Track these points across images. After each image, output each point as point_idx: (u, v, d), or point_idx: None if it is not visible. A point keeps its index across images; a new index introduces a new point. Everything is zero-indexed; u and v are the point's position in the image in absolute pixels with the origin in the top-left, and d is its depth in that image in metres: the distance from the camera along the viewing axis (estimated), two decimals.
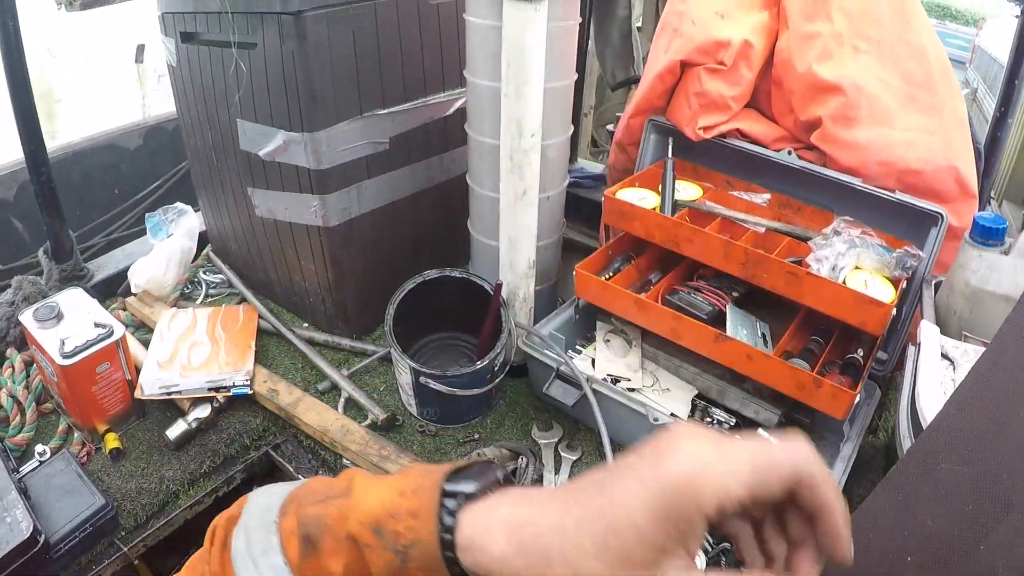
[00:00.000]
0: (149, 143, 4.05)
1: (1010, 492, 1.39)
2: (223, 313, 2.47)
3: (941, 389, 1.71)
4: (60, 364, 1.96)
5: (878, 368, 2.13)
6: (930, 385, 1.76)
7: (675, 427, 0.76)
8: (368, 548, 0.83)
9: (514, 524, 0.75)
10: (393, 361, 2.13)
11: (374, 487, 0.87)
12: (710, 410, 2.08)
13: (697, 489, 0.68)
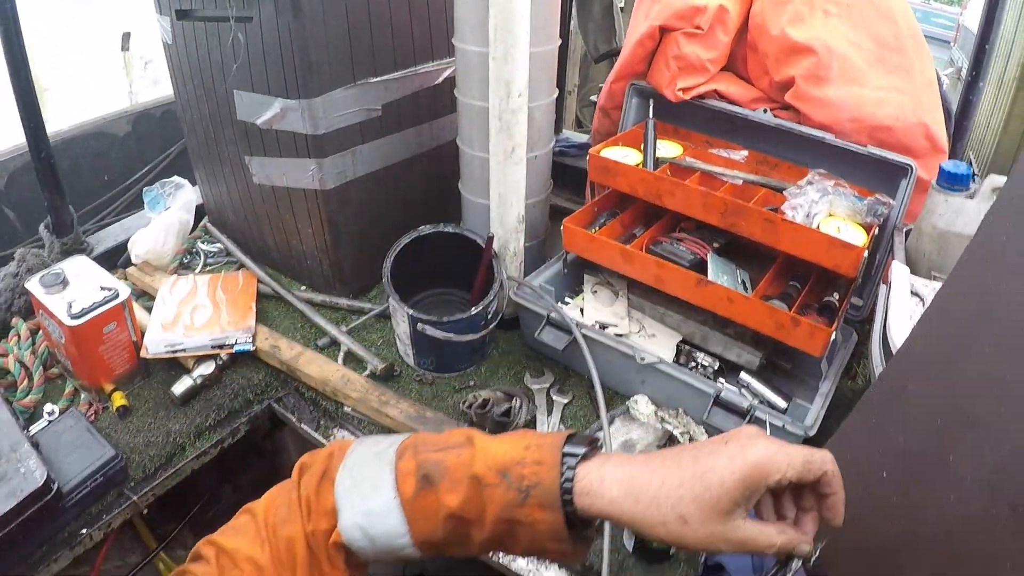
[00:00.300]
0: (138, 129, 4.06)
1: (975, 407, 1.47)
2: (223, 279, 2.53)
3: (911, 322, 1.79)
4: (68, 325, 2.01)
5: (854, 313, 2.22)
6: (900, 317, 1.85)
7: (747, 427, 1.12)
8: (490, 487, 1.07)
9: (623, 478, 1.04)
10: (391, 311, 2.20)
11: (497, 442, 1.13)
12: (694, 354, 2.16)
13: (767, 470, 1.02)
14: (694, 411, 1.98)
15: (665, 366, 1.99)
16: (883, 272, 2.14)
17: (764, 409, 1.90)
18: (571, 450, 1.08)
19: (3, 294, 2.38)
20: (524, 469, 1.07)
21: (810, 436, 1.84)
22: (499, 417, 2.00)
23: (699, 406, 1.96)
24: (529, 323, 2.23)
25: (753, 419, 1.89)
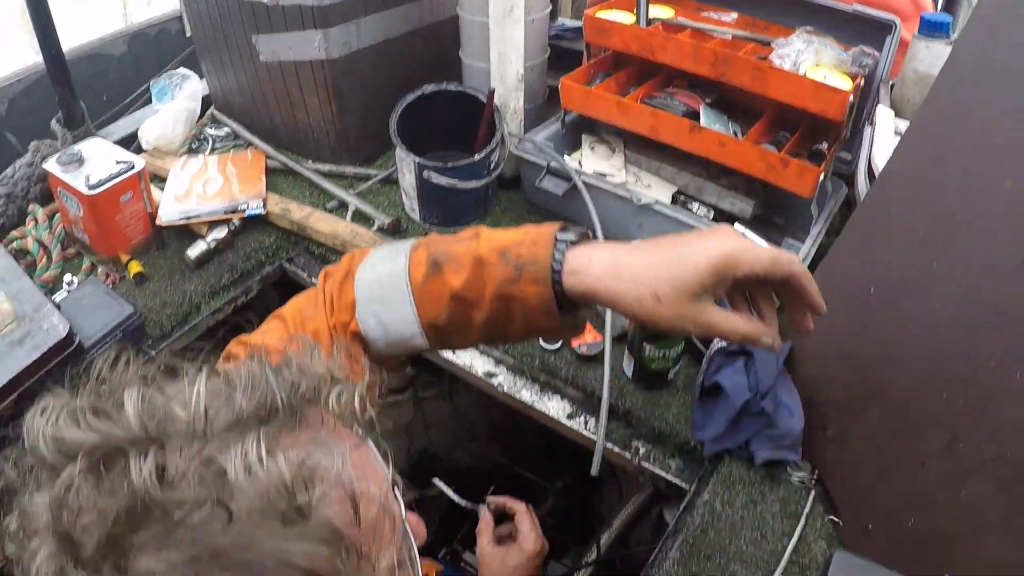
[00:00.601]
0: (134, 49, 4.01)
1: (956, 215, 1.52)
2: (232, 157, 2.58)
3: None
4: (86, 195, 2.06)
5: (843, 167, 2.27)
6: (884, 147, 1.91)
7: (726, 226, 1.25)
8: (490, 266, 1.16)
9: (608, 260, 1.12)
10: (397, 163, 2.25)
11: (499, 231, 1.22)
12: (689, 204, 2.21)
13: (737, 261, 1.08)
14: None
15: (661, 207, 2.05)
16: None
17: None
18: (563, 236, 1.17)
19: (19, 183, 2.41)
20: (521, 248, 1.16)
21: None
22: None
23: None
24: (529, 175, 2.28)
25: None
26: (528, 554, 1.82)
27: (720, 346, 1.78)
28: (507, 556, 1.83)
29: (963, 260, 1.50)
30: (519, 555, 1.83)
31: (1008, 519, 1.36)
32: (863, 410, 1.64)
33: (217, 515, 0.72)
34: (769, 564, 1.58)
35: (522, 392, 1.96)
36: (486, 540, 1.88)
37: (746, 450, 1.73)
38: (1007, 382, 1.38)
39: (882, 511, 1.57)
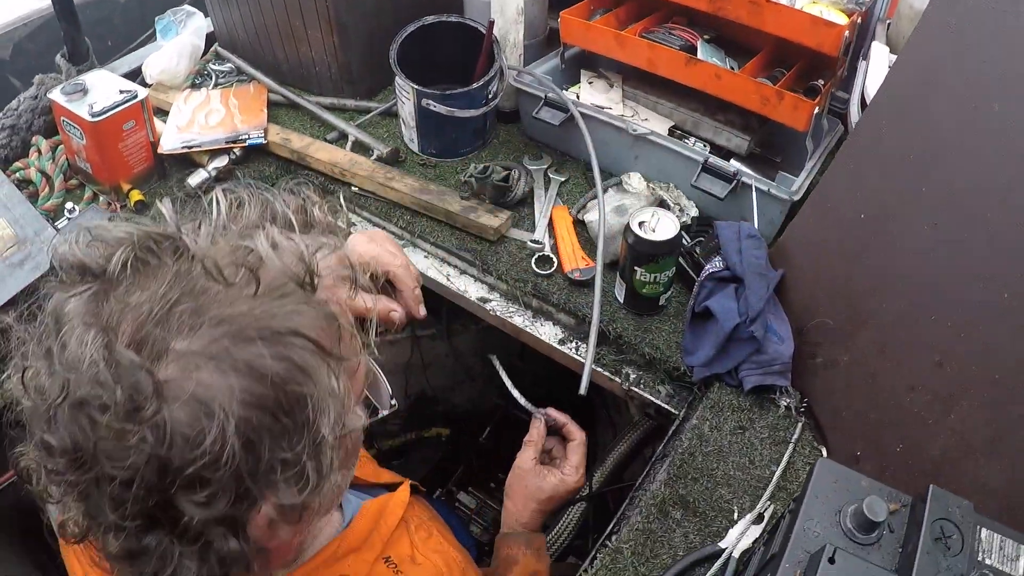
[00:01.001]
0: None
1: (946, 137, 1.50)
2: (234, 90, 2.55)
3: None
4: (89, 122, 2.04)
5: (839, 106, 2.24)
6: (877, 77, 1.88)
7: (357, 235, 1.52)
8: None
9: None
10: (396, 91, 2.22)
11: None
12: (685, 140, 2.19)
13: (358, 249, 1.46)
14: (684, 181, 2.01)
15: (657, 137, 2.02)
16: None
17: (749, 175, 1.93)
18: None
19: (24, 115, 2.39)
20: None
21: (794, 200, 1.87)
22: (498, 182, 2.04)
23: (689, 175, 1.98)
24: (528, 107, 2.25)
25: (740, 184, 1.92)
26: (568, 487, 1.73)
27: (711, 271, 1.75)
28: (545, 480, 1.73)
29: (952, 182, 1.49)
30: (558, 485, 1.73)
31: (996, 441, 1.35)
32: (853, 336, 1.62)
33: (246, 288, 0.84)
34: (756, 489, 1.57)
35: (515, 317, 1.95)
36: (531, 455, 1.77)
37: (735, 377, 1.71)
38: (996, 303, 1.37)
39: (870, 437, 1.56)
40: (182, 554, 0.85)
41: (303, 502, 0.89)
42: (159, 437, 0.78)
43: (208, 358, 0.80)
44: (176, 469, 0.78)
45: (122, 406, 0.77)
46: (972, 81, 1.48)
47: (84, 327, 0.81)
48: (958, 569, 1.00)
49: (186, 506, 0.81)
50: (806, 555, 1.04)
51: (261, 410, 0.81)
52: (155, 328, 0.81)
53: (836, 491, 1.10)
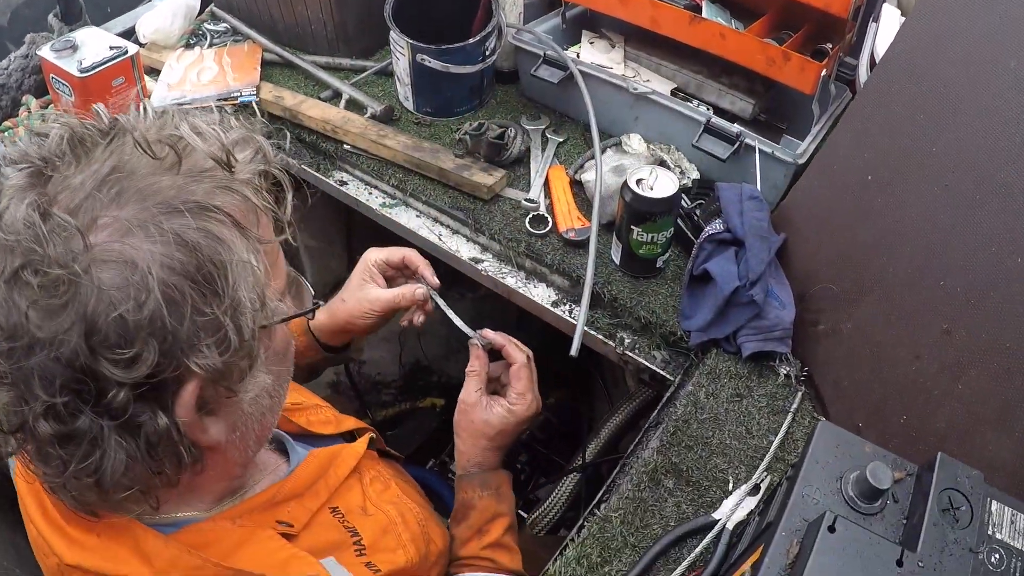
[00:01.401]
0: None
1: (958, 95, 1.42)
2: (228, 49, 2.47)
3: None
4: (78, 77, 1.99)
5: (847, 72, 2.15)
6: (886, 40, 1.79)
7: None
8: None
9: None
10: (391, 47, 2.14)
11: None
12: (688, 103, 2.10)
13: (369, 257, 1.68)
14: (685, 143, 1.94)
15: (658, 96, 1.94)
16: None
17: (753, 136, 1.84)
18: None
19: (14, 74, 2.35)
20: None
21: (799, 164, 1.79)
22: (493, 139, 1.96)
23: (690, 136, 1.91)
24: (526, 66, 2.16)
25: (743, 146, 1.84)
26: (519, 417, 1.55)
27: (710, 233, 1.67)
28: (492, 412, 1.55)
29: (964, 143, 1.41)
30: (506, 416, 1.55)
31: (1006, 413, 1.27)
32: (857, 302, 1.55)
33: (172, 166, 0.90)
34: (753, 460, 1.50)
35: (507, 278, 1.88)
36: (474, 386, 1.59)
37: (734, 343, 1.63)
38: (1008, 267, 1.29)
39: (873, 408, 1.48)
40: (112, 435, 0.87)
41: (226, 368, 0.91)
42: (86, 296, 0.81)
43: (136, 226, 0.85)
44: (101, 329, 0.82)
45: (54, 264, 0.80)
46: (987, 37, 1.41)
47: (21, 197, 0.84)
48: (967, 543, 0.92)
49: (111, 370, 0.83)
50: (804, 523, 0.96)
51: (183, 275, 0.85)
52: (87, 201, 0.85)
53: (838, 457, 1.02)
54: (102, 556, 0.98)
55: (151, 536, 0.99)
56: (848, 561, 0.87)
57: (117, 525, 0.99)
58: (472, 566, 1.46)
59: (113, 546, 0.98)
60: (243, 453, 1.09)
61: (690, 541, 1.38)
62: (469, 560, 1.46)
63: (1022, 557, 0.92)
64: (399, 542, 1.27)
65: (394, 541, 1.26)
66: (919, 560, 0.88)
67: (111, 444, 0.88)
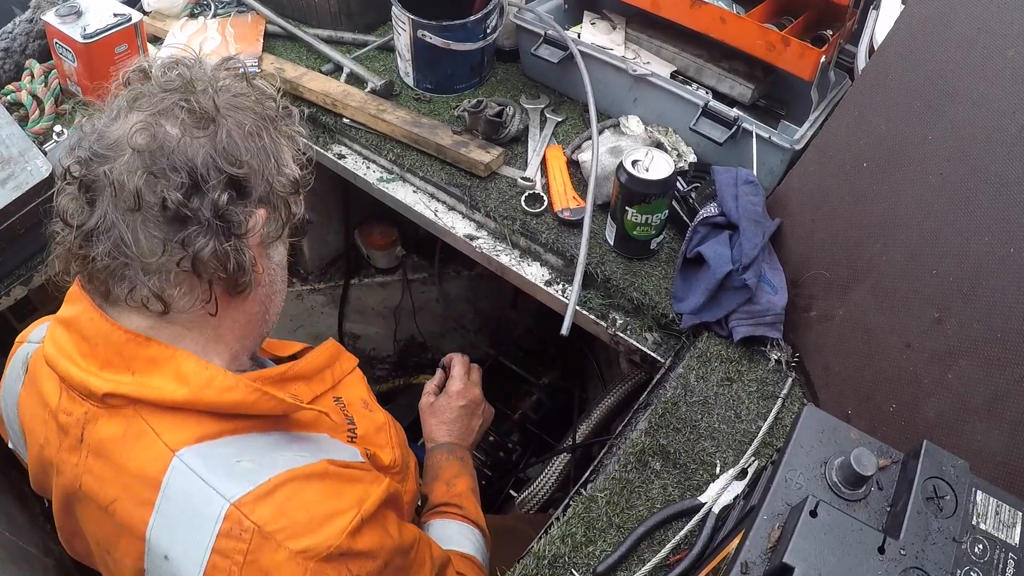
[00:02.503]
0: None
1: (954, 83, 1.41)
2: (232, 19, 2.45)
3: None
4: (81, 43, 1.98)
5: (846, 60, 2.13)
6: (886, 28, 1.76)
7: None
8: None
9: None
10: (393, 21, 2.12)
11: None
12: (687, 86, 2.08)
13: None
14: (683, 126, 1.91)
15: (657, 79, 1.92)
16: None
17: (751, 121, 1.82)
18: None
19: (18, 38, 2.33)
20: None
21: (796, 150, 1.77)
22: (491, 117, 1.94)
23: (688, 119, 1.89)
24: (527, 45, 2.14)
25: (740, 130, 1.82)
26: (449, 395, 1.85)
27: (705, 216, 1.65)
28: (437, 401, 1.86)
29: (960, 130, 1.39)
30: (442, 398, 1.85)
31: (995, 403, 1.25)
32: (849, 289, 1.53)
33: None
34: (741, 444, 1.49)
35: (501, 256, 1.86)
36: (425, 394, 1.90)
37: (725, 326, 1.62)
38: (1001, 257, 1.27)
39: (863, 396, 1.47)
40: (211, 221, 1.10)
41: (283, 203, 1.21)
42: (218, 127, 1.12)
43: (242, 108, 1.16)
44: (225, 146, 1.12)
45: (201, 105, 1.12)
46: (985, 26, 1.40)
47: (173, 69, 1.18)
48: (950, 532, 0.91)
49: (227, 167, 1.11)
50: (787, 507, 0.95)
51: (262, 141, 1.16)
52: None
53: (823, 442, 1.01)
54: (138, 385, 1.11)
55: (194, 360, 1.13)
56: (829, 546, 0.86)
57: (159, 358, 1.13)
58: (442, 513, 1.59)
59: (148, 377, 1.12)
60: (260, 318, 1.27)
61: (675, 524, 1.37)
62: (439, 507, 1.61)
63: (1005, 548, 0.91)
64: (388, 442, 1.40)
65: (384, 439, 1.39)
66: (901, 548, 0.87)
67: (211, 227, 1.10)
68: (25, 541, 1.95)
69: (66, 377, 1.16)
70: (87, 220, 1.10)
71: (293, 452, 1.16)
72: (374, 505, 1.16)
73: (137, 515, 1.10)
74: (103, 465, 1.14)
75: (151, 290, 1.11)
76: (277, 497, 1.09)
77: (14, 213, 1.79)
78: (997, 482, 1.00)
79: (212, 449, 1.11)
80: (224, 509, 1.06)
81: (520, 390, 2.96)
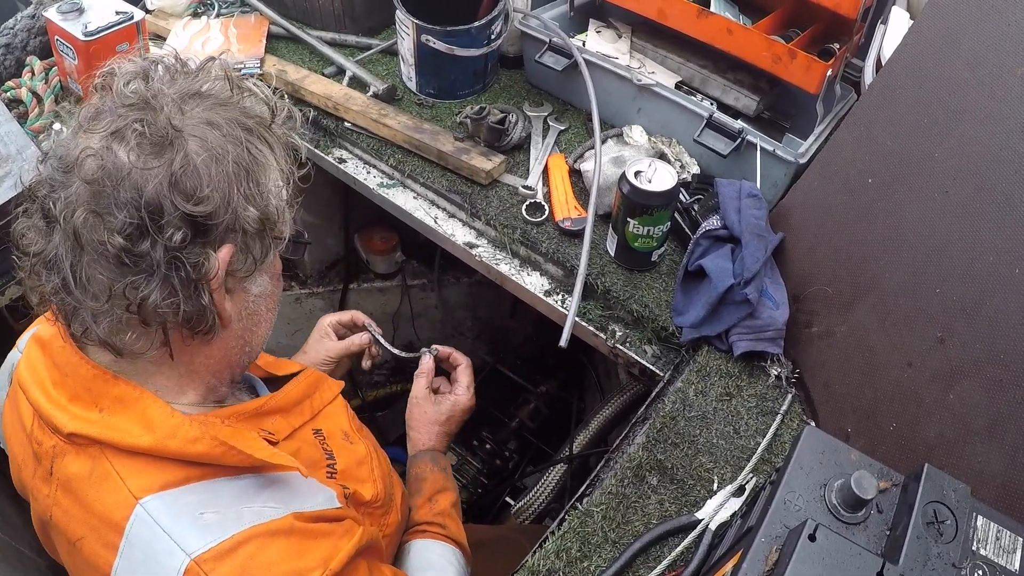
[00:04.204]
0: None
1: (962, 100, 1.40)
2: (235, 20, 2.46)
3: None
4: (82, 41, 1.97)
5: (854, 74, 2.12)
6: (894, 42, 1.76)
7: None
8: None
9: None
10: (397, 25, 2.11)
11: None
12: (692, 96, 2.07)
13: (322, 321, 1.86)
14: (687, 137, 1.91)
15: (661, 88, 1.91)
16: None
17: (755, 133, 1.81)
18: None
19: (19, 34, 2.33)
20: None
21: (800, 163, 1.77)
22: (494, 124, 1.93)
23: (692, 130, 1.88)
24: (531, 52, 2.14)
25: (744, 143, 1.81)
26: (461, 407, 1.77)
27: (707, 229, 1.64)
28: (441, 404, 1.77)
29: (967, 148, 1.38)
30: (453, 405, 1.77)
31: (997, 425, 1.24)
32: (852, 306, 1.52)
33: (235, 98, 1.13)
34: (739, 460, 1.48)
35: (501, 265, 1.85)
36: (423, 384, 1.81)
37: (726, 341, 1.61)
38: (1005, 277, 1.26)
39: (864, 414, 1.45)
40: (162, 265, 1.02)
41: (253, 238, 1.11)
42: (176, 151, 1.03)
43: (212, 123, 1.07)
44: (180, 177, 1.02)
45: (159, 125, 1.03)
46: (995, 43, 1.38)
47: (133, 79, 1.08)
48: (950, 558, 0.89)
49: (182, 204, 1.01)
50: (785, 530, 0.94)
51: (237, 162, 1.07)
52: (178, 100, 1.07)
53: (822, 463, 1.00)
54: (103, 426, 1.08)
55: (159, 405, 1.10)
56: (828, 571, 0.85)
57: (126, 398, 1.11)
58: (425, 532, 1.55)
59: (115, 418, 1.09)
60: (239, 351, 1.23)
61: (671, 540, 1.36)
62: (422, 526, 1.56)
63: (1005, 574, 0.90)
64: (370, 476, 1.38)
65: (366, 473, 1.38)
66: (900, 573, 0.86)
67: (159, 273, 1.02)
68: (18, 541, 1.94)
69: (36, 407, 1.15)
70: (43, 248, 1.06)
71: (262, 502, 1.13)
72: (341, 564, 1.13)
73: (103, 557, 1.09)
74: (71, 502, 1.12)
75: (99, 335, 1.08)
76: (239, 555, 1.06)
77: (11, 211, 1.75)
78: (997, 504, 0.99)
79: (176, 497, 1.08)
80: (185, 564, 1.04)
81: (518, 398, 2.94)
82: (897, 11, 1.95)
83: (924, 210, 1.42)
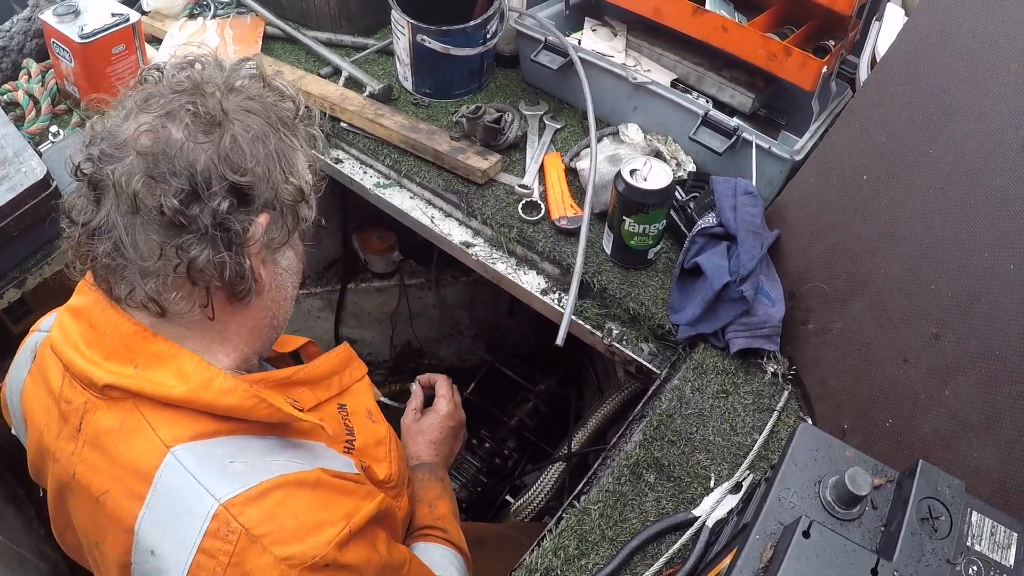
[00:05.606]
0: None
1: (956, 96, 1.40)
2: (231, 21, 2.45)
3: None
4: (78, 43, 1.97)
5: (850, 72, 2.12)
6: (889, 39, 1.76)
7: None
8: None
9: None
10: (392, 25, 2.11)
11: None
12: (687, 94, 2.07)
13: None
14: (683, 135, 1.91)
15: (657, 87, 1.91)
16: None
17: (751, 131, 1.82)
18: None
19: (16, 36, 2.32)
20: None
21: (796, 160, 1.77)
22: (490, 123, 1.93)
23: (688, 128, 1.88)
24: (527, 51, 2.14)
25: (740, 139, 1.81)
26: (442, 414, 1.81)
27: (703, 227, 1.65)
28: (424, 419, 1.81)
29: (962, 145, 1.38)
30: (434, 415, 1.81)
31: (992, 421, 1.24)
32: (847, 303, 1.52)
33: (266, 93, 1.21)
34: (736, 457, 1.48)
35: (497, 264, 1.85)
36: (410, 414, 1.85)
37: (722, 338, 1.61)
38: (999, 273, 1.27)
39: (859, 410, 1.46)
40: (209, 229, 1.10)
41: (288, 210, 1.21)
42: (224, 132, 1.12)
43: (252, 111, 1.16)
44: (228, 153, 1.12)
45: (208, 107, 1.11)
46: (989, 40, 1.38)
47: (184, 68, 1.20)
48: (944, 554, 0.89)
49: (229, 175, 1.11)
50: (780, 527, 0.94)
51: (275, 144, 1.17)
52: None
53: (817, 460, 1.00)
54: (138, 379, 1.13)
55: (195, 360, 1.15)
56: (822, 568, 0.85)
57: (162, 354, 1.15)
58: (427, 535, 1.57)
59: (150, 372, 1.14)
60: (267, 323, 1.29)
61: (669, 537, 1.36)
62: (423, 530, 1.58)
63: (1000, 570, 0.90)
64: (387, 456, 1.40)
65: (383, 453, 1.40)
66: (895, 569, 0.86)
67: (208, 235, 1.10)
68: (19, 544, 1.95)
69: (69, 365, 1.18)
70: (92, 218, 1.12)
71: (287, 458, 1.17)
72: (363, 520, 1.16)
73: (127, 508, 1.11)
74: (98, 456, 1.15)
75: (147, 293, 1.12)
76: (267, 501, 1.09)
77: (8, 215, 1.78)
78: (992, 499, 0.99)
79: (206, 448, 1.12)
80: (213, 509, 1.07)
81: (517, 397, 2.95)
82: (892, 8, 1.95)
83: (919, 206, 1.42)
